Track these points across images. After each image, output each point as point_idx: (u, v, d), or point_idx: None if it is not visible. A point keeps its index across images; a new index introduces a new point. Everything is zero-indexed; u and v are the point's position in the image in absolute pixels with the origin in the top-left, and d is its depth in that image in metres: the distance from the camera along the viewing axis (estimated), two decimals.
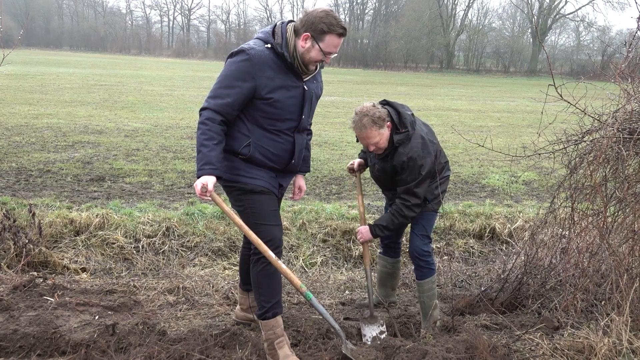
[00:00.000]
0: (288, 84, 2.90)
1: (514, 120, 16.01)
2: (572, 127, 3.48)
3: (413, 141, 3.33)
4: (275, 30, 2.91)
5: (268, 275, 3.02)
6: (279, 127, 2.95)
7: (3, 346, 3.03)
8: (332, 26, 2.79)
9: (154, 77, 28.09)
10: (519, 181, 8.11)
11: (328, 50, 2.85)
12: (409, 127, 3.32)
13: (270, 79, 2.83)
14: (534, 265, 3.94)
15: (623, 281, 3.05)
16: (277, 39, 2.87)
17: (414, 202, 3.38)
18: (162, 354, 2.89)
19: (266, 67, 2.82)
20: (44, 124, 10.98)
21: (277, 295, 3.06)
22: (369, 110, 3.24)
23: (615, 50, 15.83)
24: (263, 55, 2.82)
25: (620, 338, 2.76)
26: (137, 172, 7.42)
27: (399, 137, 3.31)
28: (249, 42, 2.90)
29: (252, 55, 2.79)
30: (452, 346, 2.87)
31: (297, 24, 2.86)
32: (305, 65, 2.91)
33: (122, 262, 4.74)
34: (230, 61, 2.86)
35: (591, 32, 61.05)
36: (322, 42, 2.81)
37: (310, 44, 2.82)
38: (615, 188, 3.29)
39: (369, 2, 69.55)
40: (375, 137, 3.27)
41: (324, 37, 2.80)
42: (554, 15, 59.55)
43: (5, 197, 5.68)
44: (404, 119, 3.32)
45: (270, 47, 2.85)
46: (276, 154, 2.99)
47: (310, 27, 2.80)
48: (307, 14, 2.84)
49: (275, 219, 3.03)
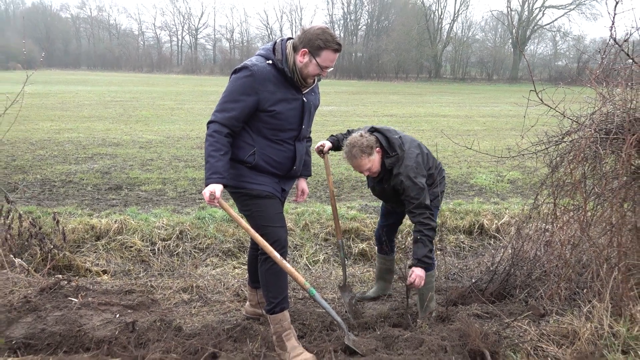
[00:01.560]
0: (288, 97, 2.90)
1: (498, 124, 15.99)
2: (552, 129, 3.48)
3: (405, 161, 3.31)
4: (276, 47, 2.91)
5: (275, 274, 3.01)
6: (281, 137, 2.95)
7: (32, 344, 3.02)
8: (328, 42, 2.79)
9: (165, 92, 28.12)
10: (505, 180, 8.10)
11: (325, 64, 2.85)
12: (398, 150, 3.32)
13: (271, 92, 2.83)
14: (520, 258, 3.93)
15: (603, 270, 3.04)
16: (278, 55, 2.87)
17: (429, 212, 3.32)
18: (178, 348, 2.89)
19: (268, 82, 2.82)
20: (65, 138, 10.99)
21: (283, 291, 3.05)
22: (358, 140, 3.25)
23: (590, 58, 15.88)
24: (265, 71, 2.82)
25: (602, 323, 2.75)
26: (152, 180, 7.42)
27: (389, 160, 3.31)
28: (251, 59, 2.90)
29: (255, 71, 2.79)
30: (446, 334, 2.86)
31: (296, 40, 2.86)
32: (303, 78, 2.91)
33: (139, 264, 4.73)
34: (234, 77, 2.85)
35: (567, 41, 61.15)
36: (319, 57, 2.82)
37: (308, 59, 2.82)
38: (594, 184, 3.29)
39: (362, 18, 69.69)
40: (366, 164, 3.28)
41: (321, 52, 2.80)
42: (532, 27, 59.64)
43: (31, 206, 5.68)
44: (393, 144, 3.32)
45: (271, 63, 2.85)
46: (279, 161, 2.99)
47: (307, 44, 2.80)
48: (304, 31, 2.83)
49: (280, 221, 3.03)
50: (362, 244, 5.24)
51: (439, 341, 2.77)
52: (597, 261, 3.13)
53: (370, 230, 5.42)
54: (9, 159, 8.55)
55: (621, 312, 2.83)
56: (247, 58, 3.01)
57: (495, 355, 2.62)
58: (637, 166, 3.19)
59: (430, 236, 3.30)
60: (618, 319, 2.80)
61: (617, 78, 3.27)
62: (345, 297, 3.78)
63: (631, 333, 2.68)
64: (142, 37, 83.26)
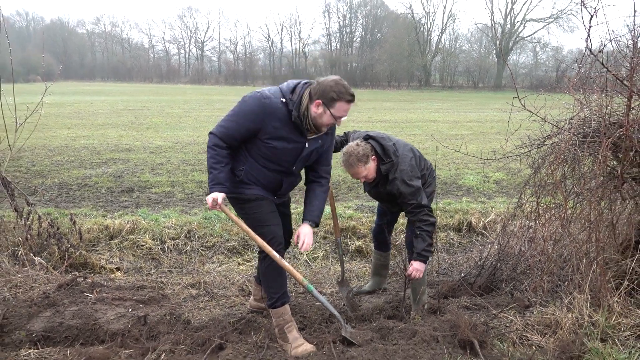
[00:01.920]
0: (290, 138, 2.80)
1: (484, 129, 16.01)
2: (534, 133, 3.48)
3: (400, 166, 3.29)
4: (297, 88, 2.80)
5: (275, 270, 3.00)
6: (270, 167, 2.89)
7: (51, 337, 3.01)
8: (342, 94, 2.70)
9: (173, 101, 28.10)
10: (491, 181, 8.10)
11: (339, 114, 2.75)
12: (393, 157, 3.29)
13: (275, 128, 2.76)
14: (506, 253, 3.92)
15: (583, 264, 3.04)
16: (294, 97, 2.76)
17: (427, 209, 3.31)
18: (187, 340, 2.87)
19: (275, 118, 2.74)
20: (80, 144, 10.97)
21: (283, 286, 3.04)
22: (354, 150, 3.22)
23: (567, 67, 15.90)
24: (275, 106, 2.73)
25: (582, 313, 2.75)
26: (162, 183, 7.41)
27: (385, 167, 3.29)
28: (270, 89, 2.81)
29: (266, 104, 2.72)
30: (438, 325, 2.86)
31: (311, 90, 2.75)
32: (317, 127, 2.82)
33: (150, 262, 4.72)
34: (247, 100, 2.78)
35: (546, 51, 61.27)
36: (333, 108, 2.72)
37: (322, 109, 2.72)
38: (573, 184, 3.29)
39: (357, 31, 69.69)
40: (363, 171, 3.26)
41: (335, 103, 2.71)
42: (514, 38, 59.77)
43: (49, 208, 5.67)
44: (387, 151, 3.29)
45: (284, 101, 2.76)
46: (264, 184, 2.95)
47: (321, 95, 2.70)
48: (319, 83, 2.74)
49: (275, 220, 2.99)
50: (359, 241, 5.23)
51: (431, 332, 2.76)
52: (577, 256, 3.13)
53: (366, 229, 5.41)
54: (29, 164, 8.53)
55: (600, 303, 2.83)
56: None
57: (483, 344, 2.62)
58: (613, 167, 3.19)
59: (429, 231, 3.28)
60: (597, 309, 2.80)
61: (593, 85, 3.27)
62: (343, 292, 3.77)
63: (609, 322, 2.68)
64: (152, 50, 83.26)
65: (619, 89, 3.04)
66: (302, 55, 72.89)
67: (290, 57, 72.93)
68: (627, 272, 2.96)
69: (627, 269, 2.97)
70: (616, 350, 2.45)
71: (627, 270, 2.97)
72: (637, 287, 2.96)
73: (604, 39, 2.95)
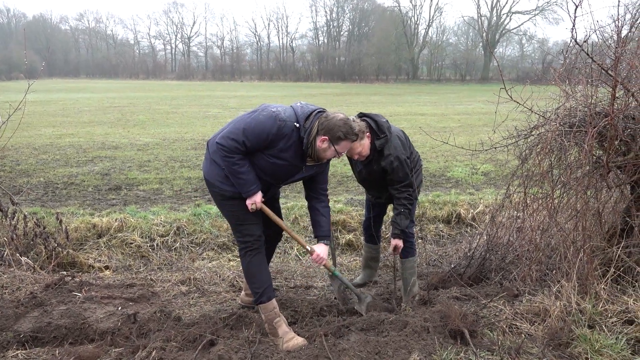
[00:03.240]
0: (291, 161, 2.85)
1: (471, 121, 16.10)
2: (521, 124, 3.50)
3: (393, 142, 3.33)
4: (310, 116, 2.82)
5: (256, 265, 3.02)
6: (261, 176, 2.90)
7: (39, 337, 2.98)
8: (348, 134, 2.81)
9: (160, 97, 27.84)
10: (479, 172, 8.16)
11: (342, 151, 2.89)
12: (387, 132, 3.32)
13: (280, 150, 2.79)
14: (495, 244, 3.96)
15: (570, 253, 3.07)
16: (307, 124, 2.79)
17: (412, 189, 3.39)
18: (178, 337, 2.86)
19: (283, 140, 2.76)
20: (66, 142, 10.83)
21: (267, 281, 3.04)
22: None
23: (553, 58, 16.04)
24: (288, 130, 2.75)
25: (570, 301, 2.78)
26: (149, 180, 7.35)
27: (379, 141, 3.31)
28: (286, 111, 2.80)
29: (281, 127, 2.72)
30: (428, 316, 2.87)
31: (319, 124, 2.79)
32: (319, 158, 2.89)
33: (139, 259, 4.68)
34: (262, 120, 2.74)
35: (532, 43, 61.87)
36: (338, 145, 2.83)
37: (327, 145, 2.81)
38: (560, 174, 3.32)
39: (344, 25, 69.67)
40: (357, 147, 3.28)
41: (340, 142, 2.82)
42: (500, 31, 60.17)
43: (35, 207, 5.59)
44: (381, 126, 3.33)
45: (297, 127, 2.78)
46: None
47: (328, 132, 2.77)
48: (327, 119, 2.79)
49: (254, 218, 3.00)
50: (349, 235, 5.25)
51: (421, 322, 2.78)
52: (565, 244, 3.16)
53: (356, 222, 5.42)
54: (14, 163, 8.41)
55: (587, 290, 2.87)
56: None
57: (473, 333, 2.64)
58: (598, 156, 3.22)
59: (412, 210, 3.41)
60: (584, 296, 2.84)
61: (579, 76, 3.30)
62: (335, 285, 3.77)
63: (596, 309, 2.72)
64: (138, 46, 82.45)
65: (603, 78, 3.07)
66: (289, 50, 72.66)
67: (277, 52, 72.65)
68: (613, 260, 3.00)
69: (613, 256, 3.01)
70: (603, 336, 2.49)
71: (613, 258, 3.01)
72: (623, 274, 3.00)
73: (589, 29, 2.98)
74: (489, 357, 2.41)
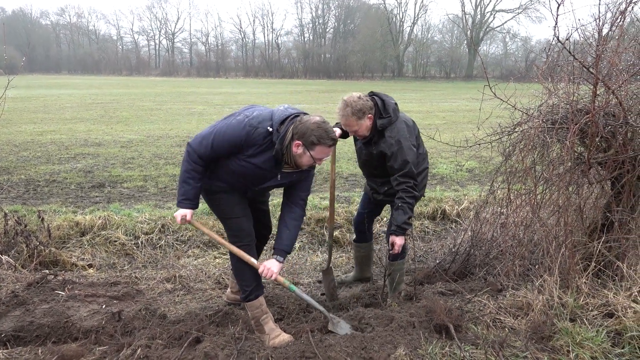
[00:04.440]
0: (263, 167, 2.74)
1: (456, 118, 16.23)
2: (505, 121, 3.54)
3: (397, 125, 3.23)
4: (286, 121, 2.69)
5: (246, 263, 3.00)
6: (236, 178, 2.84)
7: (21, 336, 2.93)
8: (322, 139, 2.63)
9: (144, 94, 27.51)
10: (463, 169, 8.24)
11: (318, 157, 2.70)
12: (392, 114, 3.22)
13: (250, 155, 2.70)
14: (479, 239, 4.00)
15: (552, 247, 3.12)
16: (282, 129, 2.66)
17: (414, 181, 3.22)
18: (163, 335, 2.84)
19: (255, 146, 2.67)
20: (48, 139, 10.65)
21: (257, 278, 3.02)
22: (353, 101, 3.15)
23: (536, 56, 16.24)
24: (259, 137, 2.65)
25: (552, 295, 2.83)
26: (133, 177, 7.27)
27: (382, 121, 3.20)
28: (261, 113, 2.71)
29: (250, 133, 2.64)
30: (414, 311, 2.90)
31: (294, 128, 2.66)
32: (296, 165, 2.76)
33: (124, 257, 4.63)
34: (233, 125, 2.69)
35: (516, 42, 62.65)
36: (313, 151, 2.66)
37: (302, 150, 2.66)
38: (543, 170, 3.37)
39: (330, 22, 69.61)
40: (353, 125, 3.20)
41: (315, 147, 2.65)
42: (484, 29, 60.72)
43: (16, 205, 5.49)
44: (388, 106, 3.23)
45: (270, 130, 2.66)
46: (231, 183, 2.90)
47: (302, 137, 2.63)
48: (301, 122, 2.65)
49: (241, 212, 2.97)
50: (335, 231, 5.25)
51: (407, 318, 2.80)
52: (547, 239, 3.21)
53: (342, 219, 5.43)
54: None
55: (569, 285, 2.92)
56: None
57: (458, 328, 2.67)
58: (580, 153, 3.28)
59: (411, 204, 3.20)
60: (566, 290, 2.89)
61: (561, 73, 3.35)
62: (325, 280, 3.76)
63: (577, 303, 2.77)
64: (121, 41, 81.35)
65: (585, 76, 3.11)
66: (275, 47, 72.33)
67: (263, 49, 72.29)
68: (594, 254, 3.05)
69: (594, 251, 3.06)
70: (584, 329, 2.54)
71: (594, 252, 3.06)
72: (604, 269, 3.06)
73: (571, 27, 3.02)
74: (473, 351, 2.44)
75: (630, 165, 3.01)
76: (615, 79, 3.00)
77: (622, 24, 2.94)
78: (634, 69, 3.07)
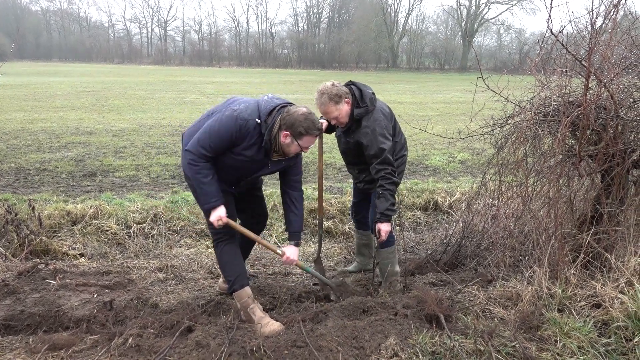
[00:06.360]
0: (254, 158, 2.89)
1: (450, 110, 16.26)
2: (497, 113, 3.55)
3: (375, 115, 3.27)
4: (273, 112, 2.84)
5: (228, 254, 3.06)
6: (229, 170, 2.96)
7: (12, 325, 2.92)
8: (310, 129, 2.81)
9: (136, 82, 27.24)
10: (456, 161, 8.27)
11: (305, 145, 2.88)
12: (369, 103, 3.26)
13: (243, 148, 2.83)
14: (470, 230, 4.03)
15: (542, 239, 3.15)
16: (269, 120, 2.82)
17: (391, 167, 3.25)
18: (155, 324, 2.84)
19: (246, 139, 2.81)
20: (38, 127, 10.54)
21: (240, 269, 3.07)
22: (328, 88, 3.23)
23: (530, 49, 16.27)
24: (249, 129, 2.79)
25: (541, 286, 2.86)
26: (125, 167, 7.23)
27: (359, 110, 3.25)
28: (249, 106, 2.84)
29: (242, 126, 2.77)
30: (405, 301, 2.92)
31: (281, 119, 2.81)
32: (284, 153, 2.92)
33: (115, 247, 4.62)
34: (224, 121, 2.79)
35: (510, 34, 62.63)
36: (301, 140, 2.84)
37: (290, 140, 2.83)
38: (534, 162, 3.39)
39: (324, 12, 69.06)
40: (333, 112, 3.24)
41: (302, 137, 2.83)
42: (479, 20, 60.62)
43: (6, 194, 5.45)
44: (365, 96, 3.27)
45: (259, 122, 2.81)
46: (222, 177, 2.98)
47: (290, 127, 2.79)
48: (289, 114, 2.80)
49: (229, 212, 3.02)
50: (327, 222, 5.27)
51: (398, 307, 2.82)
52: (537, 231, 3.24)
53: (335, 209, 5.45)
54: None
55: (557, 276, 2.96)
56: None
57: (448, 318, 2.69)
58: (571, 145, 3.30)
59: (391, 190, 3.24)
60: (555, 281, 2.92)
61: (554, 66, 3.36)
62: (317, 270, 3.77)
63: (566, 293, 2.81)
64: (113, 29, 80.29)
65: (577, 69, 3.13)
66: (269, 36, 71.78)
67: (257, 38, 71.68)
68: (583, 246, 3.09)
69: (583, 242, 3.10)
70: (572, 320, 2.57)
71: (583, 244, 3.10)
72: (592, 260, 3.10)
73: (565, 20, 3.03)
74: (463, 341, 2.47)
75: (620, 158, 3.04)
76: (607, 72, 3.01)
77: (615, 17, 2.94)
78: (625, 62, 3.08)
